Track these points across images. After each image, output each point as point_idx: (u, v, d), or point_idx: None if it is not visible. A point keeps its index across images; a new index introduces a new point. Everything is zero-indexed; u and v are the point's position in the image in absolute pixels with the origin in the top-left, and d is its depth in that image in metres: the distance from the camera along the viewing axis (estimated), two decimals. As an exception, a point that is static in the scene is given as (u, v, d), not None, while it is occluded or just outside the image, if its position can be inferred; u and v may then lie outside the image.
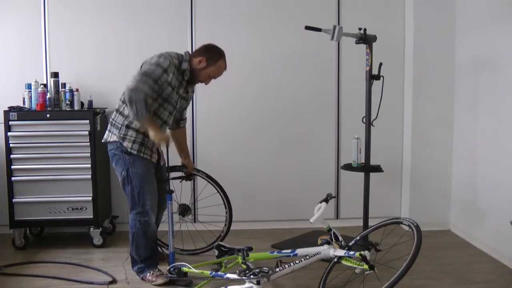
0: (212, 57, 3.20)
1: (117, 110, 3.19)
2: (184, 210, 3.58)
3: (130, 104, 2.93)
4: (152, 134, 3.04)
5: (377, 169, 3.76)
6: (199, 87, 3.51)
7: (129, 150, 3.11)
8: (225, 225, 3.64)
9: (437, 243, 3.96)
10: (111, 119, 3.23)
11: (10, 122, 3.75)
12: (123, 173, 3.15)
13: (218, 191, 3.62)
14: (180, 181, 3.65)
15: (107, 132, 3.24)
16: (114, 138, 3.15)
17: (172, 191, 3.28)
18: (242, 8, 4.30)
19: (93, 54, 4.22)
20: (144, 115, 2.95)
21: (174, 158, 3.58)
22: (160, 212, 3.46)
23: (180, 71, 3.15)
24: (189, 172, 3.60)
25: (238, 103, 4.33)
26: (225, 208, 3.63)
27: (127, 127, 3.13)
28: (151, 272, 3.20)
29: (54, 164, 3.79)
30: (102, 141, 3.27)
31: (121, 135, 3.13)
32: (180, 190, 3.60)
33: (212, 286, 3.12)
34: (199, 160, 3.93)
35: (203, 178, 3.63)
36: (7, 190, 3.79)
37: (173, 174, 3.60)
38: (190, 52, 3.25)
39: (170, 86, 3.10)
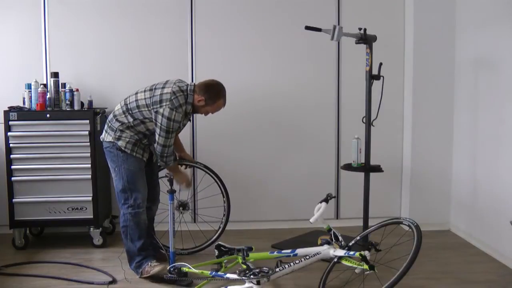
0: (211, 97, 3.35)
1: (115, 116, 3.38)
2: (183, 205, 3.68)
3: (161, 157, 3.34)
4: (177, 179, 3.46)
5: (377, 169, 3.76)
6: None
7: (123, 148, 3.32)
8: (224, 215, 3.68)
9: (437, 243, 3.96)
10: (107, 121, 3.43)
11: (10, 122, 3.76)
12: (116, 169, 3.36)
13: (216, 181, 3.72)
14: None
15: (104, 131, 3.44)
16: (110, 138, 3.37)
17: (174, 191, 3.30)
18: (242, 8, 4.30)
19: (93, 54, 4.22)
20: (172, 165, 3.43)
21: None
22: (154, 205, 3.60)
23: (186, 113, 3.39)
24: (190, 165, 3.76)
25: (238, 103, 4.31)
26: (223, 197, 3.70)
27: (121, 131, 3.34)
28: (149, 263, 3.27)
29: (54, 164, 3.79)
30: (100, 139, 3.47)
31: (116, 136, 3.35)
32: (179, 186, 3.61)
33: (212, 286, 3.12)
34: (199, 161, 3.93)
35: (201, 169, 3.75)
36: (7, 190, 3.79)
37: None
38: (194, 83, 3.42)
39: (180, 126, 3.37)
